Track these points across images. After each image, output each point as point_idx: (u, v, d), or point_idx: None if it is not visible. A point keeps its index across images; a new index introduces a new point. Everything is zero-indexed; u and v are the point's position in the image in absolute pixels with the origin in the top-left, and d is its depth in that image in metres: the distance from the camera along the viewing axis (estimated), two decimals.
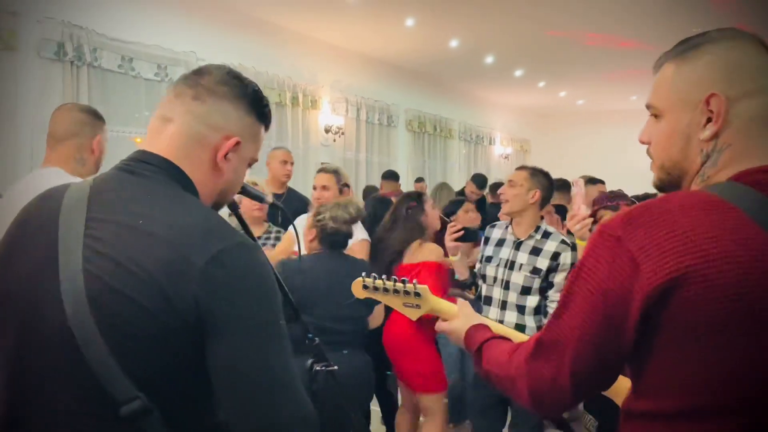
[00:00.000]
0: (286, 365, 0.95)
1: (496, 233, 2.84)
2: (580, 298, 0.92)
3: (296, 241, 1.53)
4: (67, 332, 0.90)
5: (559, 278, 2.61)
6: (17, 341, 0.97)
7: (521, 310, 2.64)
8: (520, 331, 2.58)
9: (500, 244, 2.77)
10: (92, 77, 4.65)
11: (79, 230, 0.95)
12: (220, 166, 1.06)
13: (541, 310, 2.64)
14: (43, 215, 1.01)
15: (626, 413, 0.98)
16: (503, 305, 2.68)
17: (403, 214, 3.05)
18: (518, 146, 12.67)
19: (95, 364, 0.89)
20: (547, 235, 2.68)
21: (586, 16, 6.24)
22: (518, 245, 2.70)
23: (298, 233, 1.40)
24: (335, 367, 1.34)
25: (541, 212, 2.77)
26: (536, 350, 0.98)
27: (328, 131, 7.32)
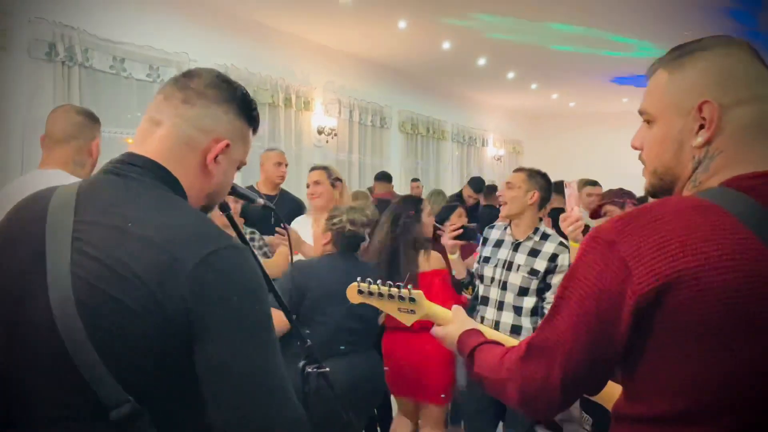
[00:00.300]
0: (275, 367, 0.95)
1: (494, 234, 2.84)
2: (572, 301, 0.93)
3: (289, 247, 1.52)
4: (55, 336, 0.89)
5: (556, 280, 2.61)
6: (4, 346, 0.96)
7: (518, 311, 2.64)
8: (516, 332, 2.63)
9: (498, 245, 2.77)
10: (83, 78, 4.63)
11: (66, 233, 0.94)
12: (209, 168, 1.06)
13: (537, 311, 2.65)
14: (29, 219, 1.00)
15: (617, 417, 0.98)
16: (500, 305, 2.68)
17: (401, 223, 2.97)
18: (511, 148, 12.71)
19: (84, 368, 0.89)
20: (545, 236, 2.68)
21: (579, 18, 6.27)
22: (516, 246, 2.70)
23: (290, 236, 1.40)
24: (327, 369, 1.34)
25: (539, 213, 2.78)
26: (527, 352, 0.99)
27: (321, 132, 7.32)
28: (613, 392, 1.04)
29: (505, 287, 2.67)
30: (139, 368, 0.91)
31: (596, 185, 4.44)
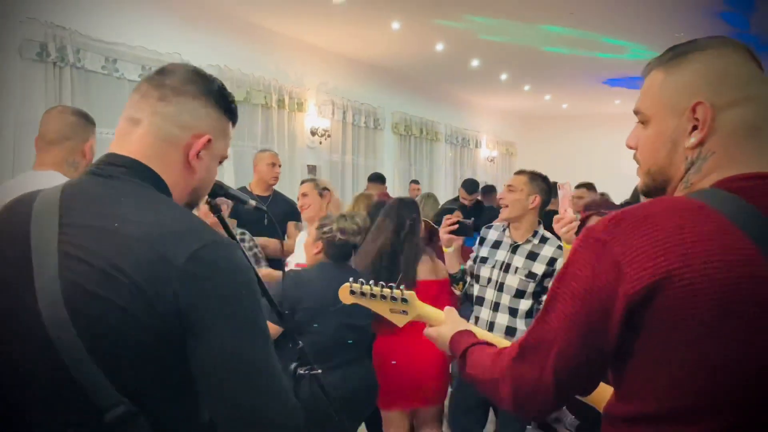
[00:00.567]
0: (268, 358, 0.95)
1: (492, 234, 2.82)
2: (563, 301, 0.93)
3: (281, 252, 1.51)
4: (46, 340, 0.89)
5: None
6: None
7: (513, 312, 2.64)
8: (510, 333, 2.62)
9: (496, 246, 2.76)
10: (75, 78, 4.60)
11: (52, 237, 0.93)
12: (192, 164, 1.06)
13: (533, 314, 2.64)
14: (13, 223, 1.00)
15: (608, 417, 0.98)
16: (495, 307, 2.67)
17: (406, 226, 2.92)
18: (504, 149, 12.73)
19: (76, 371, 0.88)
20: (544, 240, 2.67)
21: (571, 20, 6.29)
22: (515, 249, 2.69)
23: (282, 239, 1.39)
24: (320, 371, 1.33)
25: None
26: (520, 353, 0.99)
27: (314, 134, 7.31)
28: (604, 393, 1.04)
29: (501, 289, 2.67)
30: (133, 369, 0.91)
31: (591, 188, 4.43)
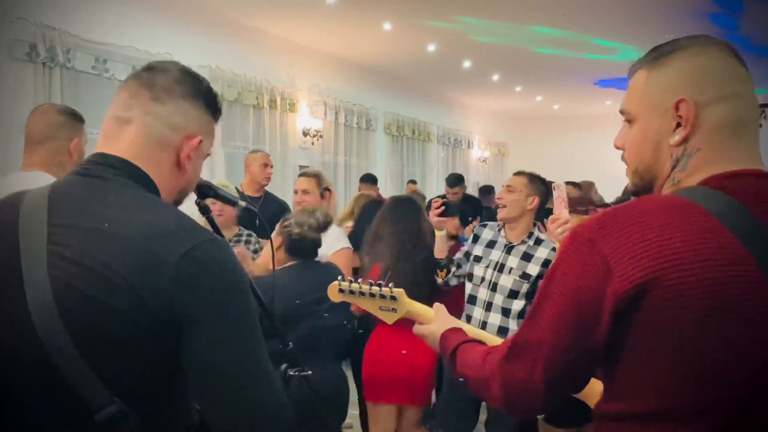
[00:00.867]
0: (260, 357, 0.95)
1: (486, 233, 2.81)
2: (553, 300, 0.93)
3: (272, 252, 1.51)
4: (36, 340, 0.88)
5: None
6: None
7: (506, 313, 2.64)
8: (503, 333, 2.62)
9: (491, 245, 2.76)
10: (65, 79, 4.57)
11: (41, 237, 0.93)
12: (184, 165, 1.06)
13: (525, 314, 2.64)
14: (1, 224, 0.99)
15: (598, 415, 0.99)
16: (488, 306, 2.68)
17: (424, 229, 2.92)
18: (496, 150, 12.76)
19: (67, 370, 0.88)
20: (539, 241, 2.67)
21: (562, 21, 6.31)
22: (510, 249, 2.69)
23: (273, 243, 1.39)
24: (309, 372, 1.33)
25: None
26: (510, 352, 0.99)
27: (306, 134, 7.30)
28: (594, 389, 1.04)
29: (495, 289, 2.67)
30: (124, 368, 0.90)
31: (577, 187, 4.46)
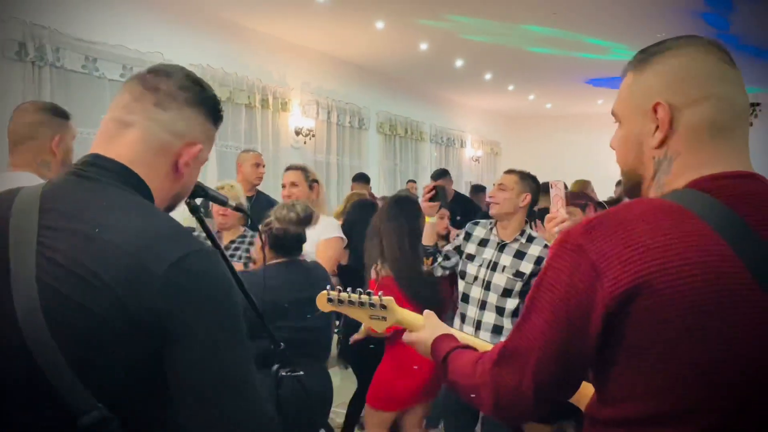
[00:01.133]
0: (246, 372, 0.94)
1: (479, 232, 2.80)
2: (542, 306, 0.93)
3: (263, 250, 1.50)
4: (21, 344, 0.87)
5: None
6: None
7: (500, 311, 2.64)
8: (497, 332, 2.62)
9: (483, 244, 2.75)
10: (55, 78, 4.54)
11: (31, 239, 0.92)
12: (181, 172, 1.05)
13: (519, 312, 2.64)
14: None
15: (590, 420, 0.98)
16: (482, 305, 2.67)
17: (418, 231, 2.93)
18: (489, 149, 12.77)
19: (52, 375, 0.87)
20: (531, 239, 2.67)
21: (554, 20, 6.32)
22: (502, 247, 2.69)
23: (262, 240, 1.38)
24: (301, 372, 1.32)
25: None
26: (500, 358, 0.98)
27: (298, 133, 7.28)
28: (585, 391, 1.04)
29: (488, 287, 2.66)
30: (108, 375, 0.89)
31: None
